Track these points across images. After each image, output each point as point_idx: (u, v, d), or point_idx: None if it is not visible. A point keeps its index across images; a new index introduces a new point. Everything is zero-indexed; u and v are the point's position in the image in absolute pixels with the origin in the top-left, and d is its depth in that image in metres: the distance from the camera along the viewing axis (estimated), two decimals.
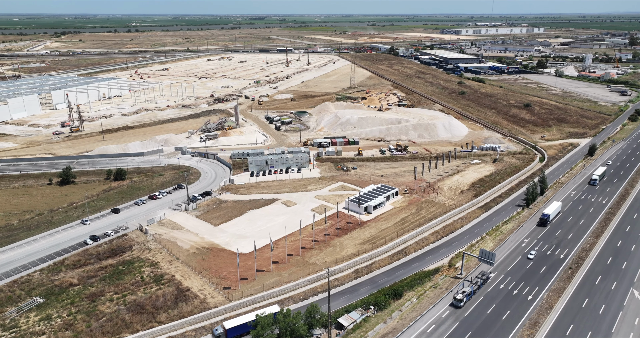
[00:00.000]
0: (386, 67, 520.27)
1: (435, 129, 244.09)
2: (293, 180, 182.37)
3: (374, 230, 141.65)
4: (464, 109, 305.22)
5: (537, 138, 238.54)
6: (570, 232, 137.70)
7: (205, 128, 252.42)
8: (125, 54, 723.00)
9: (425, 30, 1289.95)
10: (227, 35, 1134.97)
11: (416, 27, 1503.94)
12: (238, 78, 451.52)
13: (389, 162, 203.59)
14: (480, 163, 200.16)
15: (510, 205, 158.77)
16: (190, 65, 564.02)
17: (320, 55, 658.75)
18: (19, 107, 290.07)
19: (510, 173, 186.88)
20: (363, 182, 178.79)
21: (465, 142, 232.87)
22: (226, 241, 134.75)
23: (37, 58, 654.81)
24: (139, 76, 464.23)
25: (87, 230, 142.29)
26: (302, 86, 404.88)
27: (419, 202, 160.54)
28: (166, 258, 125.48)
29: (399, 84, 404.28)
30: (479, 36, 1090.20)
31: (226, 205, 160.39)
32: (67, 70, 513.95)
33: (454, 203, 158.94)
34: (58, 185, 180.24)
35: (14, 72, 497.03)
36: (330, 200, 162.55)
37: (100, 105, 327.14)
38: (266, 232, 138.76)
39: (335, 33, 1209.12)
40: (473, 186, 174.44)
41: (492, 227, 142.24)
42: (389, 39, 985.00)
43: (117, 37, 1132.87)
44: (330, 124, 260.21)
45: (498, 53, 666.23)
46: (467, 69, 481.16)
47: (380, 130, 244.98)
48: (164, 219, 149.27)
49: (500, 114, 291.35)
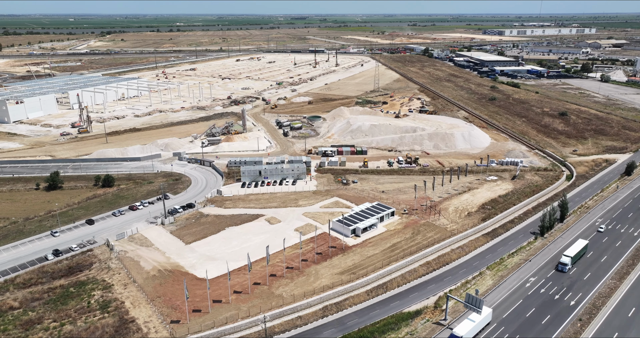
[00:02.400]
0: (417, 70, 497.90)
1: (453, 139, 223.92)
2: (285, 194, 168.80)
3: (358, 257, 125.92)
4: (490, 116, 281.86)
5: (568, 152, 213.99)
6: (588, 271, 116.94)
7: (210, 132, 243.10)
8: (160, 53, 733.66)
9: (467, 31, 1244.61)
10: (265, 35, 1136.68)
11: (458, 28, 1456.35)
12: (261, 79, 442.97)
13: (395, 176, 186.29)
14: (497, 180, 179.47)
15: (522, 233, 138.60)
16: (218, 65, 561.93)
17: (351, 56, 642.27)
18: (35, 107, 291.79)
19: (529, 193, 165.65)
20: (360, 199, 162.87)
21: (486, 154, 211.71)
22: (192, 263, 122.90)
23: (76, 57, 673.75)
24: (165, 76, 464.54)
25: (54, 243, 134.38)
26: (324, 89, 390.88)
27: (417, 225, 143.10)
28: (122, 281, 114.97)
29: (426, 88, 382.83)
30: (523, 37, 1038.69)
31: (206, 219, 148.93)
32: (98, 69, 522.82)
33: (456, 228, 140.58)
34: (45, 190, 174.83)
35: (50, 70, 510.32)
36: (318, 219, 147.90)
37: (117, 105, 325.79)
38: (240, 254, 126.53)
39: (373, 33, 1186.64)
40: (483, 208, 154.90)
41: (496, 260, 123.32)
42: (426, 39, 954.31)
43: (158, 36, 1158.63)
44: (341, 131, 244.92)
45: (541, 55, 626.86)
46: (503, 73, 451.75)
47: (393, 139, 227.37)
48: (135, 234, 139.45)
49: (531, 123, 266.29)
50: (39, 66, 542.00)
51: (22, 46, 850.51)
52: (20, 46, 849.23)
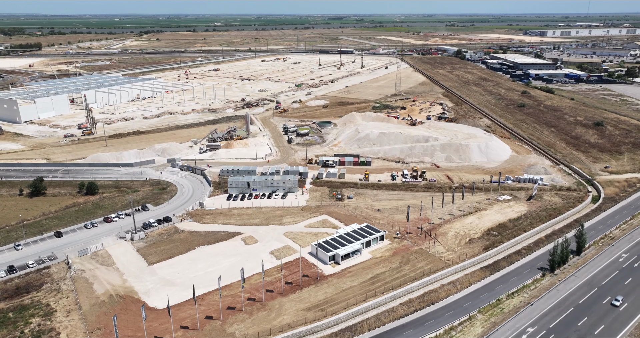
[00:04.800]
0: (446, 72, 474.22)
1: (468, 151, 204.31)
2: (270, 209, 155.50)
3: (331, 289, 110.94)
4: (516, 125, 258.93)
5: (599, 168, 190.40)
6: (604, 319, 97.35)
7: (212, 137, 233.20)
8: (190, 53, 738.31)
9: (506, 32, 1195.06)
10: (298, 35, 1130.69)
11: (499, 28, 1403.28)
12: (281, 81, 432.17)
13: (396, 192, 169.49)
14: (510, 200, 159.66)
15: (528, 268, 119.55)
16: (242, 66, 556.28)
17: (379, 58, 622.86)
18: (46, 107, 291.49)
19: (544, 217, 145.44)
20: (351, 218, 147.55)
21: (504, 168, 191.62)
22: (147, 289, 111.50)
23: (107, 56, 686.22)
24: (186, 76, 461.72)
25: (14, 258, 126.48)
26: (343, 91, 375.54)
27: (408, 253, 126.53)
28: (67, 307, 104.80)
29: (451, 92, 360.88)
30: (567, 38, 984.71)
31: (179, 236, 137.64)
32: (124, 68, 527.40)
33: (452, 258, 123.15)
34: (28, 196, 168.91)
35: (77, 69, 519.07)
36: (300, 240, 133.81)
37: (129, 106, 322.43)
38: (203, 279, 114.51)
39: (408, 34, 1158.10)
40: (488, 233, 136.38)
41: (491, 301, 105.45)
42: (462, 40, 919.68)
43: (192, 36, 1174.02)
44: (348, 139, 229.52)
45: (583, 58, 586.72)
46: (538, 76, 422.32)
47: (402, 149, 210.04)
48: (100, 250, 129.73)
49: (560, 133, 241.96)
50: (69, 65, 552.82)
51: (62, 45, 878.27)
52: (60, 45, 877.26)
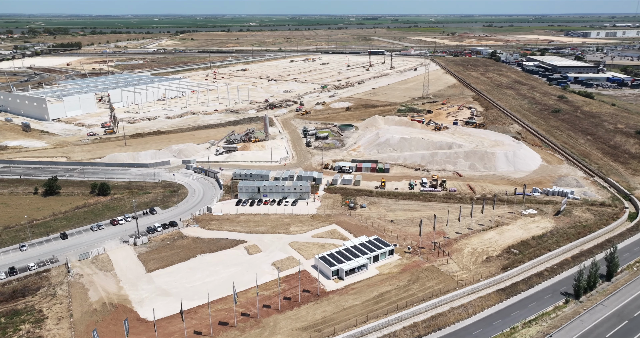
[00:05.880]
0: (478, 75, 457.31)
1: (494, 159, 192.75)
2: (278, 216, 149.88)
3: (332, 307, 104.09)
4: (549, 132, 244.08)
5: (638, 182, 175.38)
6: None
7: (229, 139, 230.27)
8: (221, 52, 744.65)
9: (547, 33, 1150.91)
10: (330, 36, 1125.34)
11: (539, 29, 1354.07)
12: (307, 82, 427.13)
13: (412, 202, 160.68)
14: (536, 215, 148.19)
15: (550, 292, 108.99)
16: (271, 66, 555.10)
17: (410, 59, 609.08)
18: (74, 105, 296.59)
19: (572, 236, 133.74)
20: (361, 228, 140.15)
21: (532, 179, 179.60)
22: (142, 298, 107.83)
23: (141, 55, 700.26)
24: (214, 76, 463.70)
25: (17, 259, 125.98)
26: (369, 93, 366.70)
27: (418, 269, 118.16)
28: (59, 314, 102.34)
29: (482, 96, 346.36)
30: (612, 39, 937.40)
31: (182, 242, 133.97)
32: (156, 68, 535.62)
33: (466, 277, 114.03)
34: (42, 195, 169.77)
35: (110, 68, 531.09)
36: (305, 251, 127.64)
37: (154, 106, 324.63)
38: (199, 290, 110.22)
39: (442, 35, 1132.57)
40: (508, 251, 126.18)
41: (505, 329, 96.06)
42: (499, 41, 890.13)
43: (226, 36, 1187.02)
44: (368, 143, 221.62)
45: (629, 60, 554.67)
46: (577, 80, 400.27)
47: (423, 156, 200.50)
48: (101, 254, 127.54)
49: (597, 142, 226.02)
50: (104, 64, 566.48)
51: (100, 44, 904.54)
52: (99, 44, 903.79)
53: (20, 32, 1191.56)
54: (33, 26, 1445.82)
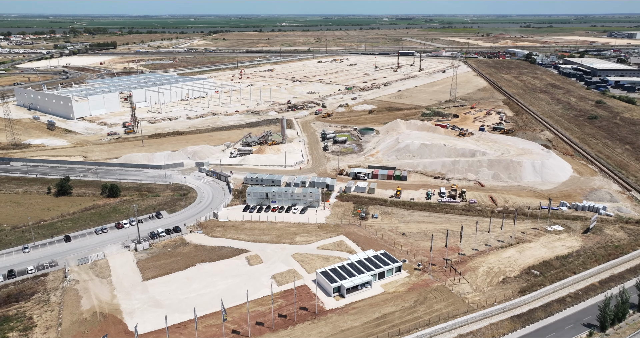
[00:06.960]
0: (511, 77, 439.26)
1: (520, 169, 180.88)
2: (285, 225, 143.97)
3: (329, 328, 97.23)
4: (583, 140, 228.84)
5: None
6: None
7: (245, 141, 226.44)
8: (251, 53, 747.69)
9: (588, 34, 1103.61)
10: (361, 36, 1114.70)
11: (580, 29, 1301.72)
12: (332, 83, 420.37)
13: (428, 213, 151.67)
14: (562, 232, 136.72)
15: (572, 322, 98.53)
16: (298, 66, 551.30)
17: (440, 60, 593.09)
18: (98, 104, 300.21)
19: (602, 257, 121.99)
20: (370, 241, 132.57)
21: (560, 191, 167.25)
22: (133, 309, 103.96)
23: (172, 55, 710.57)
24: (240, 77, 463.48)
25: (18, 261, 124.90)
26: (394, 96, 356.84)
27: (427, 289, 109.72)
28: (49, 322, 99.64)
29: (513, 100, 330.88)
30: None
31: (183, 250, 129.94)
32: (184, 67, 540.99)
33: (479, 300, 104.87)
34: (54, 195, 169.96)
35: (140, 67, 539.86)
36: (307, 264, 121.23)
37: (177, 105, 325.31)
38: (193, 302, 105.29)
39: (477, 35, 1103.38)
40: (527, 272, 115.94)
41: None
42: (535, 43, 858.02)
43: (257, 36, 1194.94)
44: (387, 149, 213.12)
45: None
46: (618, 84, 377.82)
47: (444, 164, 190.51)
48: (100, 259, 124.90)
49: (637, 152, 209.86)
50: (135, 63, 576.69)
51: (135, 44, 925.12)
52: (134, 44, 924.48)
53: (62, 32, 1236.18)
54: (75, 26, 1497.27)
